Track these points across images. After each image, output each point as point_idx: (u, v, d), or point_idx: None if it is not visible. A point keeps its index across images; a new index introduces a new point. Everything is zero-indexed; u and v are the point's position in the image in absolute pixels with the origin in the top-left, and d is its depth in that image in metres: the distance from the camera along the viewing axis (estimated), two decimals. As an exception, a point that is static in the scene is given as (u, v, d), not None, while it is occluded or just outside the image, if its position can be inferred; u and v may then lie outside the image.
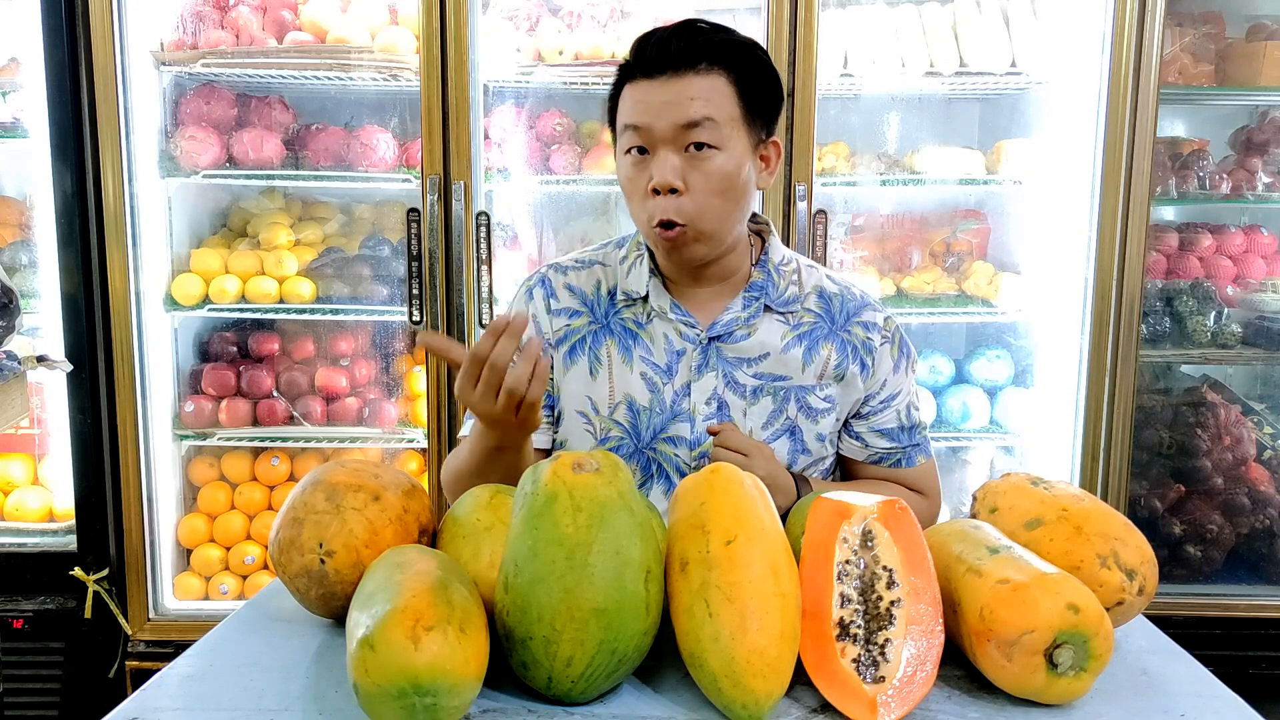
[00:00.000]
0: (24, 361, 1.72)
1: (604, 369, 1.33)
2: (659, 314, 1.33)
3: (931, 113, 2.66)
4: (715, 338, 1.32)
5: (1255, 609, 2.42)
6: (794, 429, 1.32)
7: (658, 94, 1.20)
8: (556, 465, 0.86)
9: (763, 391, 1.32)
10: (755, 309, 1.32)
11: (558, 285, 1.38)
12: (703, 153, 1.20)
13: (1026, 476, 1.04)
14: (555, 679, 0.82)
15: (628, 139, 1.23)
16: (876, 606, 0.86)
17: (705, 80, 1.20)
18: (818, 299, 1.36)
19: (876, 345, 1.35)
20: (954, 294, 2.54)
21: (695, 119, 1.18)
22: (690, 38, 1.20)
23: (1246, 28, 2.54)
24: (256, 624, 1.02)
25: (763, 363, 1.32)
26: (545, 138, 2.52)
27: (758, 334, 1.32)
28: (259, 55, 2.39)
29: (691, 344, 1.32)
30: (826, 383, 1.33)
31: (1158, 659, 0.96)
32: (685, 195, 1.20)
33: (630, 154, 1.23)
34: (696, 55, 1.20)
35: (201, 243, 2.59)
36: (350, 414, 2.54)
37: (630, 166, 1.24)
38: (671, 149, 1.20)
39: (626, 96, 1.24)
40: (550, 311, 1.37)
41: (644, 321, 1.34)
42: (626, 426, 1.32)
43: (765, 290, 1.33)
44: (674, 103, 1.19)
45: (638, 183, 1.23)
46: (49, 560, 2.38)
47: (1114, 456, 2.35)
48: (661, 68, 1.20)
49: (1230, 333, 2.48)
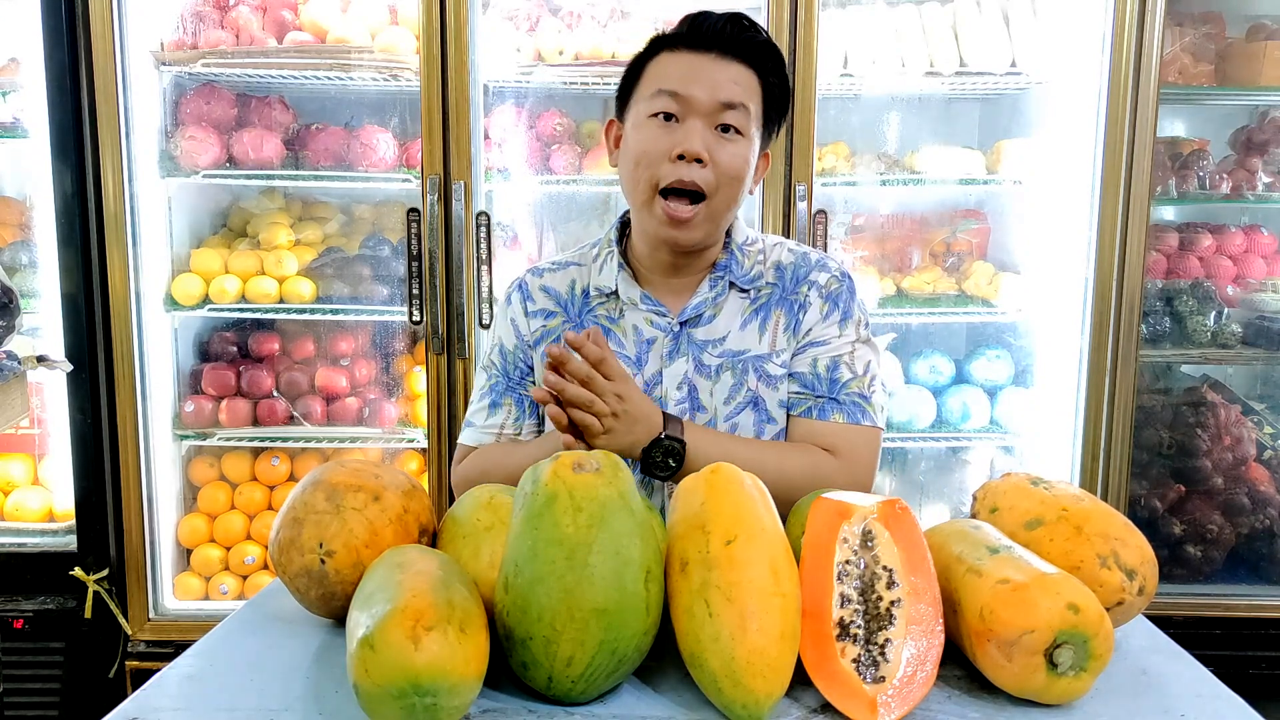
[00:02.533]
0: (24, 361, 1.72)
1: None
2: (630, 305, 1.36)
3: (931, 113, 2.66)
4: (685, 322, 1.35)
5: (1255, 609, 2.42)
6: (756, 400, 1.34)
7: (704, 68, 1.24)
8: (556, 465, 0.86)
9: (723, 368, 1.34)
10: (721, 288, 1.35)
11: (533, 288, 1.42)
12: (729, 135, 1.25)
13: (1026, 476, 1.04)
14: (555, 679, 0.82)
15: (659, 103, 1.24)
16: (876, 606, 0.86)
17: (744, 72, 1.26)
18: (774, 272, 1.38)
19: (813, 300, 1.35)
20: (954, 294, 2.54)
21: (734, 101, 1.23)
22: (742, 29, 1.26)
23: (1246, 28, 2.54)
24: (256, 624, 1.02)
25: (725, 342, 1.35)
26: (545, 138, 2.52)
27: (722, 314, 1.35)
28: (259, 55, 2.39)
29: (662, 331, 1.35)
30: (779, 349, 1.35)
31: (1158, 659, 0.96)
32: (708, 169, 1.23)
33: (657, 118, 1.25)
34: (743, 47, 1.25)
35: (201, 243, 2.59)
36: (350, 414, 2.54)
37: (655, 128, 1.25)
38: (704, 121, 1.23)
39: (662, 63, 1.27)
40: (527, 314, 1.41)
41: (616, 316, 1.37)
42: None
43: (729, 268, 1.36)
44: (718, 81, 1.23)
45: (660, 144, 1.24)
46: (49, 560, 2.38)
47: (1114, 456, 2.35)
48: (710, 45, 1.24)
49: (1230, 333, 2.48)
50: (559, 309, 1.40)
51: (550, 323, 1.39)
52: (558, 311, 1.40)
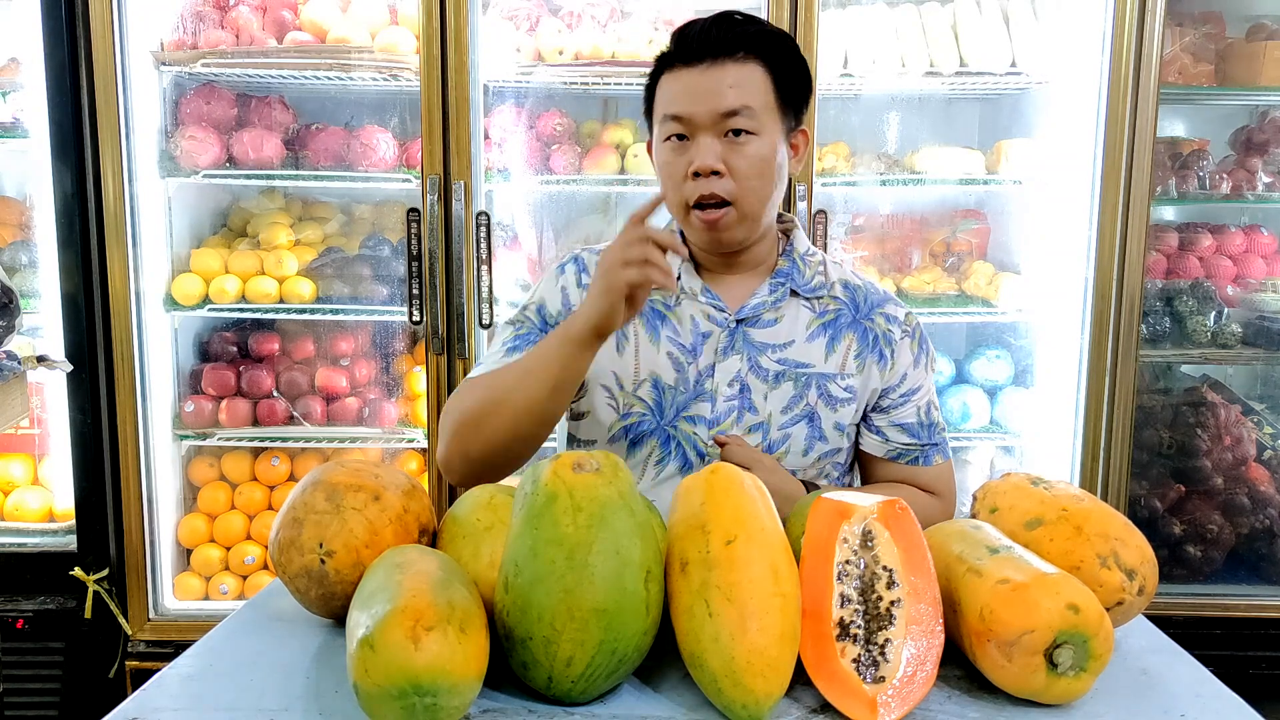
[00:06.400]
0: (24, 361, 1.72)
1: (630, 345, 1.36)
2: (689, 296, 1.36)
3: (931, 113, 2.66)
4: (742, 320, 1.35)
5: (1255, 609, 2.42)
6: (813, 415, 1.35)
7: (697, 82, 1.25)
8: (556, 465, 0.86)
9: (784, 377, 1.34)
10: (781, 294, 1.36)
11: (590, 263, 1.41)
12: (741, 138, 1.25)
13: (1026, 476, 1.04)
14: (555, 679, 0.82)
15: (668, 127, 1.28)
16: (876, 606, 0.86)
17: (742, 69, 1.25)
18: (843, 289, 1.40)
19: (896, 338, 1.38)
20: (954, 294, 2.54)
21: (734, 107, 1.23)
22: (729, 28, 1.25)
23: (1246, 28, 2.54)
24: (256, 624, 1.02)
25: (787, 349, 1.35)
26: (545, 138, 2.52)
27: (784, 321, 1.36)
28: (259, 55, 2.39)
29: (719, 326, 1.35)
30: (849, 373, 1.36)
31: (1158, 659, 0.96)
32: (726, 178, 1.25)
33: (670, 141, 1.28)
34: (734, 44, 1.25)
35: (201, 243, 2.58)
36: (350, 414, 2.54)
37: (669, 151, 1.28)
38: (711, 134, 1.25)
39: (665, 85, 1.29)
40: (580, 285, 1.39)
41: (672, 304, 1.37)
42: (650, 403, 1.35)
43: (791, 276, 1.37)
44: (714, 91, 1.24)
45: (677, 166, 1.27)
46: (49, 560, 2.38)
47: (1114, 456, 2.35)
48: (701, 55, 1.25)
49: (1230, 333, 2.48)
50: None
51: None
52: None
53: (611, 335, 1.34)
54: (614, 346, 1.36)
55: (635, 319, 1.35)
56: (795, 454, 1.34)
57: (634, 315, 1.18)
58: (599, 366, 1.35)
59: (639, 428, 1.35)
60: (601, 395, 1.37)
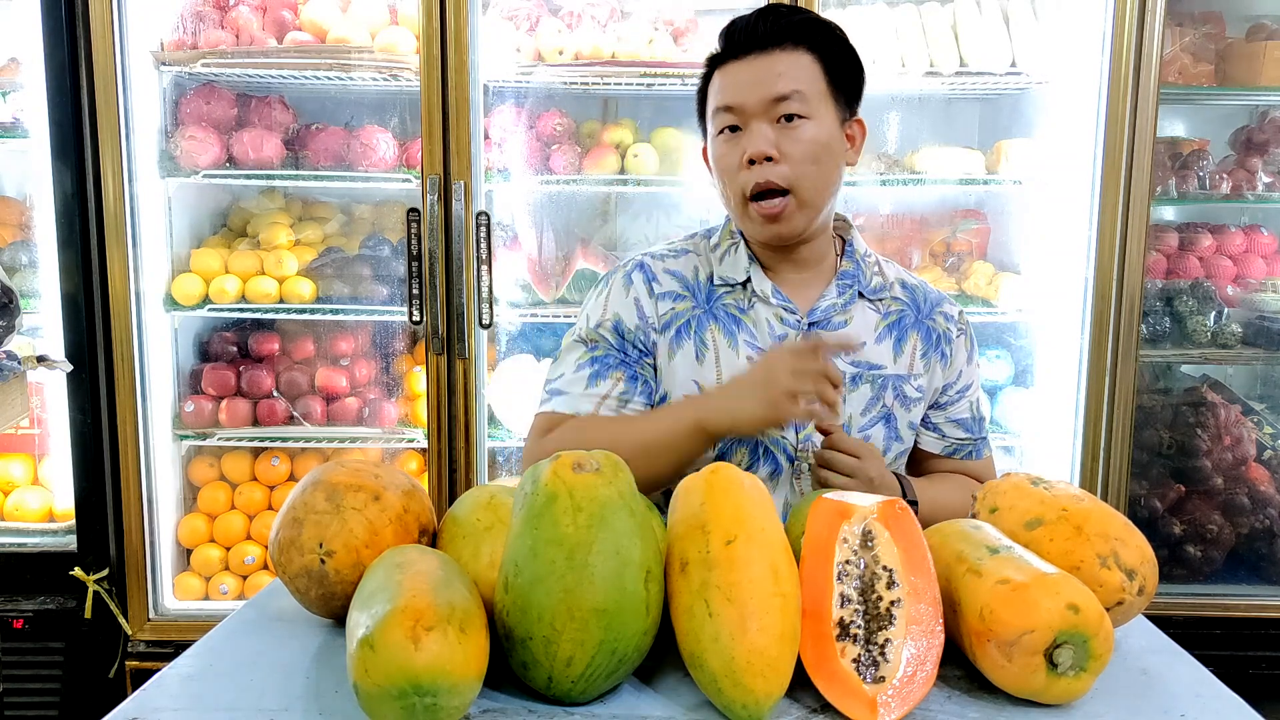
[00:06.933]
0: (24, 361, 1.72)
1: (710, 353, 1.34)
2: (761, 299, 1.35)
3: (931, 113, 2.66)
4: (814, 323, 1.35)
5: (1255, 609, 2.42)
6: (889, 416, 1.36)
7: (747, 73, 1.26)
8: (556, 465, 0.86)
9: (861, 379, 1.35)
10: (849, 296, 1.37)
11: (657, 270, 1.39)
12: (794, 123, 1.25)
13: (1026, 476, 1.04)
14: (555, 679, 0.82)
15: (721, 120, 1.29)
16: (876, 606, 0.86)
17: (790, 56, 1.26)
18: (902, 289, 1.42)
19: (954, 336, 1.41)
20: (954, 294, 2.54)
21: (785, 92, 1.24)
22: (775, 19, 1.27)
23: (1246, 28, 2.54)
24: (256, 624, 1.02)
25: (860, 351, 1.35)
26: (545, 138, 2.51)
27: (853, 323, 1.37)
28: (259, 55, 2.39)
29: (793, 329, 1.35)
30: (917, 373, 1.38)
31: (1158, 659, 0.96)
32: (781, 163, 1.25)
33: (723, 134, 1.29)
34: (781, 34, 1.26)
35: (201, 243, 2.59)
36: (350, 414, 2.54)
37: (724, 144, 1.29)
38: (764, 121, 1.25)
39: (716, 82, 1.30)
40: (653, 295, 1.37)
41: (746, 307, 1.36)
42: None
43: (856, 278, 1.38)
44: (763, 79, 1.25)
45: (731, 157, 1.27)
46: (49, 560, 2.38)
47: (1114, 456, 2.35)
48: (749, 48, 1.26)
49: (1230, 333, 2.48)
50: (687, 293, 1.37)
51: (679, 305, 1.36)
52: (685, 295, 1.37)
53: (690, 344, 1.34)
54: (694, 355, 1.34)
55: (710, 324, 1.35)
56: None
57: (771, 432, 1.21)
58: (681, 378, 1.34)
59: (726, 438, 1.32)
60: None
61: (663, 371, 1.36)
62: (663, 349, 1.35)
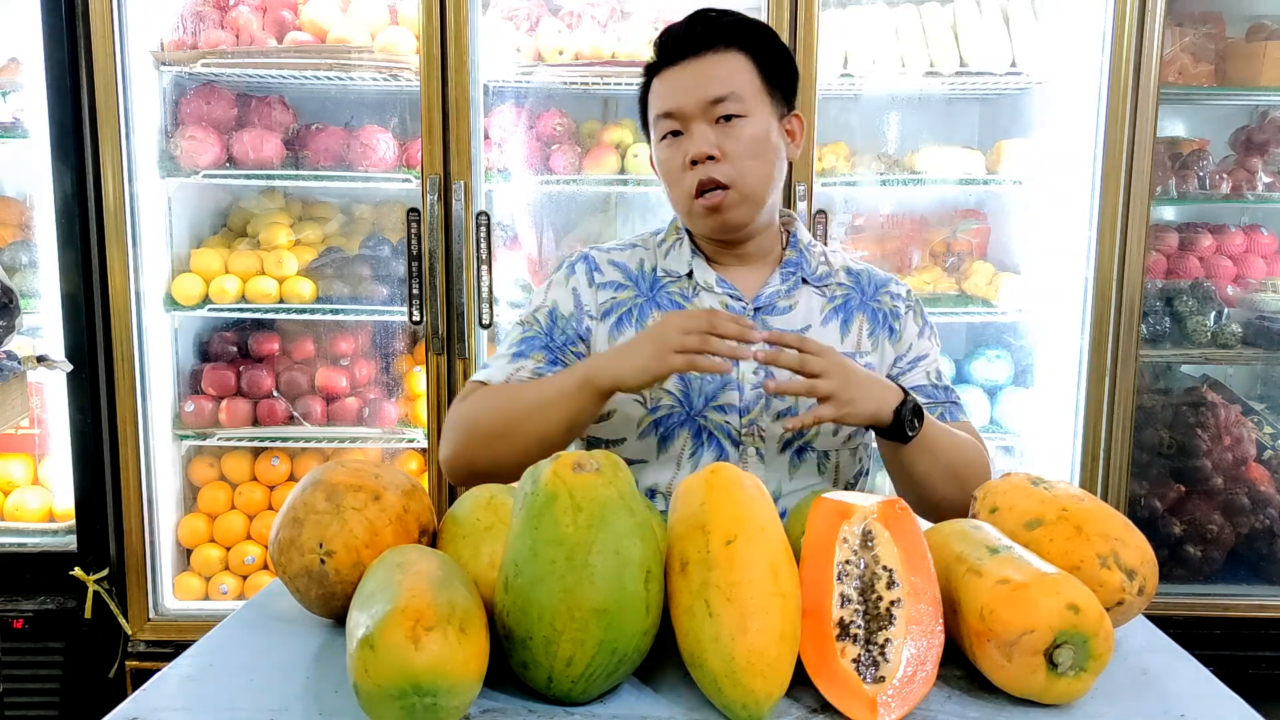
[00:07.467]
0: (24, 361, 1.72)
1: None
2: (705, 288, 1.39)
3: (931, 113, 2.66)
4: (759, 308, 1.38)
5: (1255, 609, 2.42)
6: None
7: (683, 78, 1.30)
8: (556, 465, 0.86)
9: None
10: (793, 282, 1.40)
11: (601, 261, 1.44)
12: (732, 123, 1.29)
13: (1026, 476, 1.04)
14: (555, 679, 0.82)
15: (662, 126, 1.33)
16: (876, 606, 0.86)
17: (724, 58, 1.30)
18: (846, 274, 1.45)
19: (902, 311, 1.44)
20: (954, 294, 2.54)
21: (721, 94, 1.28)
22: (705, 23, 1.31)
23: (1246, 28, 2.54)
24: (256, 624, 1.02)
25: (806, 334, 1.37)
26: (545, 138, 2.52)
27: (798, 308, 1.39)
28: (259, 55, 2.39)
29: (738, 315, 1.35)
30: (866, 350, 1.40)
31: (1158, 659, 0.96)
32: (723, 161, 1.28)
33: (666, 139, 1.33)
34: (713, 37, 1.30)
35: (201, 243, 2.58)
36: (350, 414, 2.54)
37: (667, 149, 1.33)
38: (703, 122, 1.29)
39: (655, 90, 1.34)
40: (593, 284, 1.41)
41: (690, 295, 1.39)
42: (678, 395, 1.36)
43: (800, 266, 1.42)
44: (699, 82, 1.29)
45: (675, 161, 1.32)
46: (49, 560, 2.38)
47: (1114, 456, 2.35)
48: (683, 53, 1.30)
49: (1230, 333, 2.48)
50: (630, 283, 1.41)
51: (620, 294, 1.41)
52: (628, 285, 1.41)
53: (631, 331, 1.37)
54: None
55: (653, 312, 1.39)
56: (825, 434, 1.36)
57: None
58: None
59: (668, 420, 1.35)
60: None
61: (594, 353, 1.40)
62: (600, 335, 1.39)
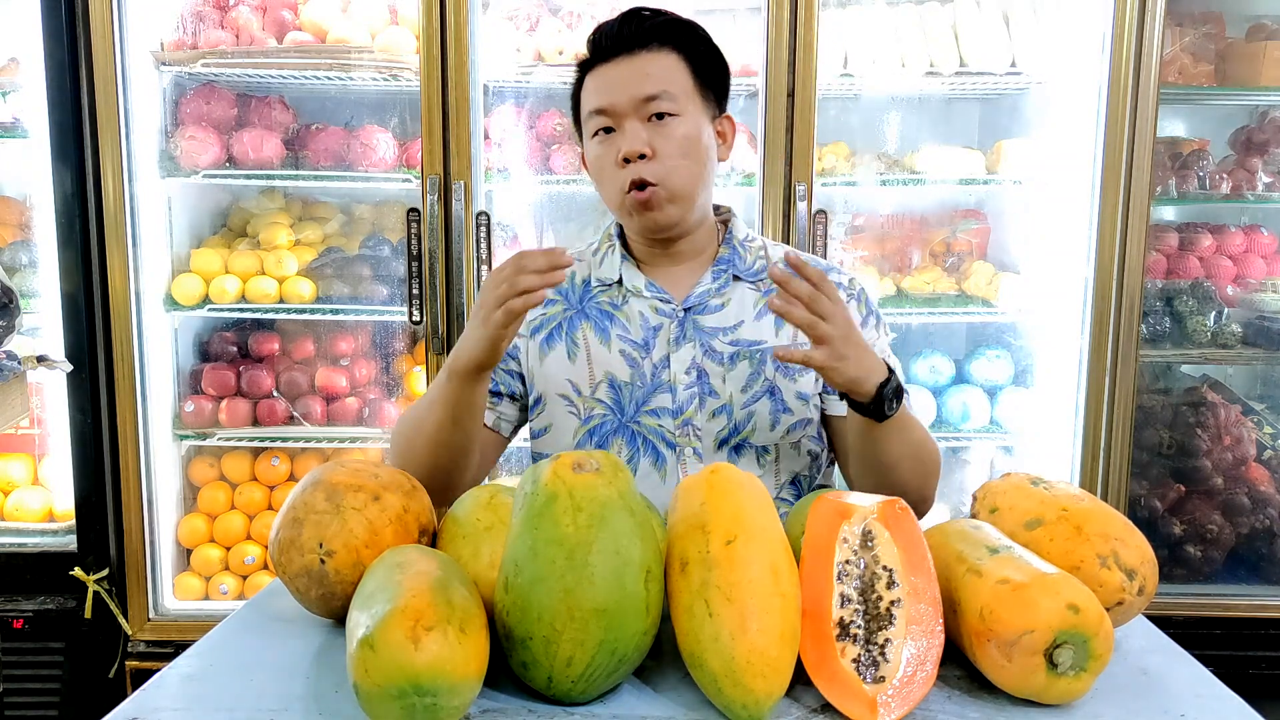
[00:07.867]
0: (24, 361, 1.72)
1: (581, 351, 1.38)
2: (634, 293, 1.39)
3: (931, 113, 2.66)
4: (689, 309, 1.37)
5: (1255, 609, 2.42)
6: (773, 389, 1.36)
7: (616, 75, 1.30)
8: (556, 465, 0.86)
9: (739, 357, 1.36)
10: (724, 280, 1.39)
11: None
12: (664, 121, 1.29)
13: (1026, 476, 1.04)
14: (555, 679, 0.83)
15: (595, 123, 1.33)
16: (876, 606, 0.86)
17: (657, 57, 1.30)
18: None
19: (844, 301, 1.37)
20: (954, 294, 2.54)
21: (653, 92, 1.28)
22: (638, 22, 1.30)
23: (1246, 28, 2.54)
24: (256, 624, 1.02)
25: (737, 330, 1.37)
26: (545, 138, 2.52)
27: (731, 305, 1.38)
28: (259, 55, 2.39)
29: (668, 318, 1.37)
30: (800, 343, 1.36)
31: (1158, 659, 0.96)
32: (653, 159, 1.28)
33: (597, 136, 1.32)
34: (646, 36, 1.30)
35: (201, 243, 2.59)
36: (350, 414, 2.54)
37: (598, 146, 1.33)
38: (636, 120, 1.29)
39: (587, 86, 1.34)
40: None
41: (619, 303, 1.40)
42: (609, 403, 1.37)
43: (732, 262, 1.40)
44: (632, 79, 1.29)
45: (607, 158, 1.31)
46: (49, 560, 2.38)
47: (1114, 456, 2.35)
48: (616, 51, 1.30)
49: (1230, 333, 2.48)
50: (559, 296, 1.42)
51: (550, 310, 1.42)
52: (557, 299, 1.42)
53: (561, 344, 1.37)
54: (566, 355, 1.38)
55: (582, 324, 1.38)
56: (763, 429, 1.35)
57: (511, 337, 1.18)
58: (554, 378, 1.38)
59: (602, 429, 1.37)
60: (561, 405, 1.39)
61: (534, 375, 1.40)
62: (532, 352, 1.40)
